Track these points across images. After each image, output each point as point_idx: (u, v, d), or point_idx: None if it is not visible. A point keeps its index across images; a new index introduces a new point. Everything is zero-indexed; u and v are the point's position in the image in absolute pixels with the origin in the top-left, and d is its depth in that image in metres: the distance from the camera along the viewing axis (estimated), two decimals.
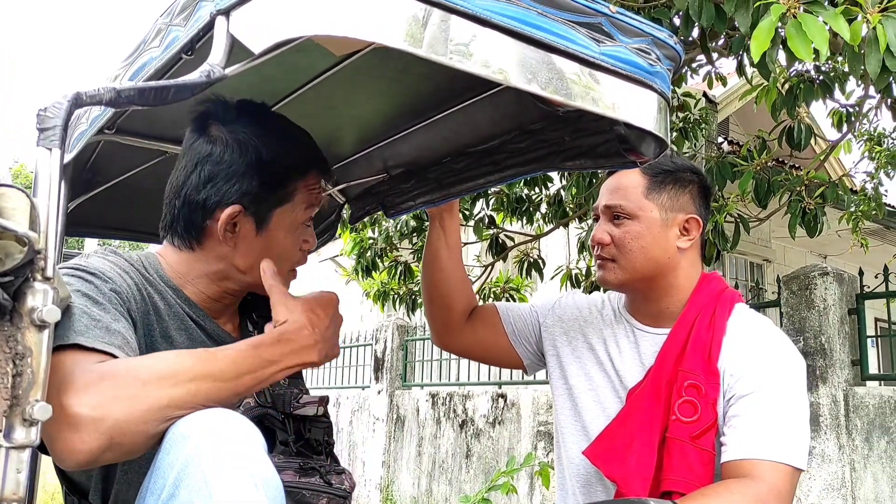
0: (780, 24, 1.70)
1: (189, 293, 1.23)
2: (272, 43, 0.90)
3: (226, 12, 0.95)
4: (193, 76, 0.93)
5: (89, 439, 0.86)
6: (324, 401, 1.27)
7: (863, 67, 1.82)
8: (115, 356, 0.97)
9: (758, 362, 1.40)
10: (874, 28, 1.75)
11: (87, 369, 0.91)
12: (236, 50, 0.95)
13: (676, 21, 2.83)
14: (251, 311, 1.37)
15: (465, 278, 1.74)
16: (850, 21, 1.74)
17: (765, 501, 1.24)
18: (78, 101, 0.88)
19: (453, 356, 6.87)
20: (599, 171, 1.54)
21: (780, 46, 1.86)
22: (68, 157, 1.47)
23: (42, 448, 0.90)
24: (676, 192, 1.50)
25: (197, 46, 1.07)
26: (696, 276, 1.54)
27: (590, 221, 4.27)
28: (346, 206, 2.00)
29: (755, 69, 3.09)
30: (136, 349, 1.05)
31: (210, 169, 1.19)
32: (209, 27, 0.98)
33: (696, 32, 3.02)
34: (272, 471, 0.90)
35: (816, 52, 1.63)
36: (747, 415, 1.35)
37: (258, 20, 0.92)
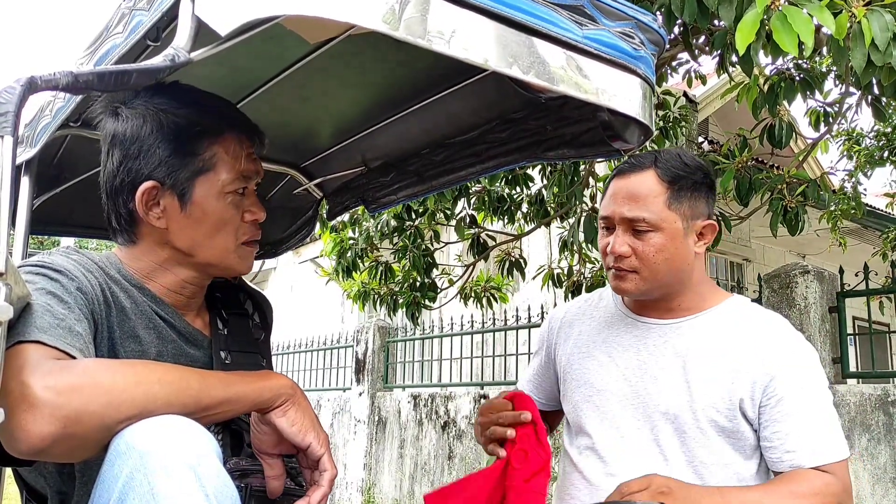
0: (764, 16, 1.68)
1: (153, 289, 1.18)
2: (240, 24, 0.86)
3: None
4: (157, 60, 0.88)
5: (44, 423, 0.82)
6: None
7: (848, 62, 1.80)
8: (74, 358, 0.93)
9: (791, 362, 1.42)
10: (859, 22, 1.73)
11: (51, 361, 0.89)
12: (203, 34, 0.91)
13: (658, 17, 2.82)
14: (221, 307, 1.32)
15: None
16: (834, 15, 1.72)
17: (839, 496, 1.35)
18: (32, 86, 0.83)
19: (435, 357, 6.85)
20: (582, 160, 1.50)
21: (765, 40, 1.83)
22: (33, 152, 1.42)
23: None
24: (694, 198, 1.47)
25: (163, 34, 1.03)
26: (703, 271, 1.54)
27: (571, 220, 4.25)
28: (323, 201, 1.95)
29: (735, 67, 3.08)
30: (93, 354, 1.01)
31: (119, 151, 1.14)
32: (174, 10, 0.93)
33: (676, 30, 3.00)
34: (224, 479, 0.86)
35: (801, 45, 1.61)
36: (798, 420, 1.38)
37: (225, 1, 0.88)
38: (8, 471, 1.48)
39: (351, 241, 4.79)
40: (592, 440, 1.50)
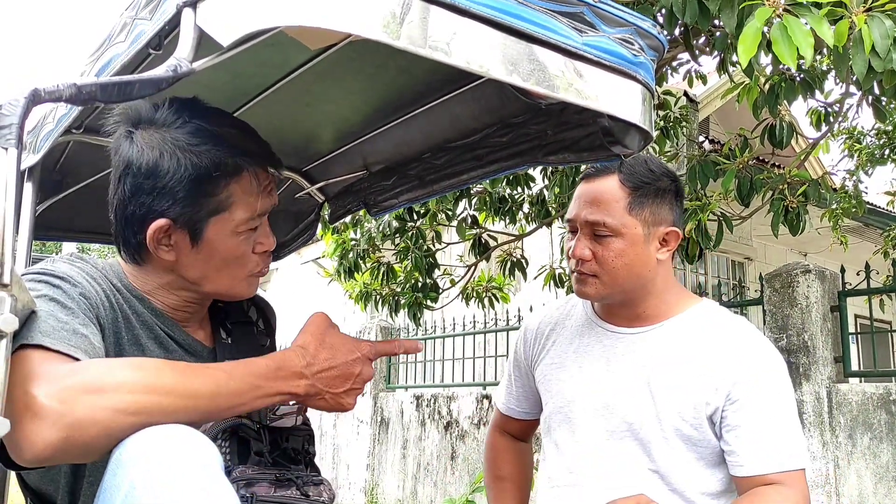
0: (765, 26, 1.67)
1: (154, 303, 1.18)
2: (242, 35, 0.86)
3: (192, 4, 0.91)
4: (159, 70, 0.89)
5: (48, 431, 0.82)
6: (302, 409, 1.22)
7: (849, 68, 1.80)
8: (79, 360, 0.93)
9: (752, 366, 1.41)
10: (860, 29, 1.73)
11: (55, 367, 0.88)
12: (205, 43, 0.91)
13: (659, 18, 2.82)
14: (224, 317, 1.32)
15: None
16: (834, 21, 1.72)
17: None
18: (36, 98, 0.84)
19: (437, 357, 6.85)
20: (583, 164, 1.50)
21: (766, 49, 1.83)
22: (36, 158, 1.43)
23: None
24: (657, 204, 1.47)
25: (165, 42, 1.03)
26: (671, 278, 1.54)
27: None
28: (325, 204, 1.96)
29: (735, 67, 3.09)
30: (103, 355, 1.01)
31: (131, 182, 1.10)
32: (176, 20, 0.94)
33: (677, 31, 3.00)
34: (228, 489, 0.85)
35: (801, 58, 1.61)
36: (757, 425, 1.37)
37: (227, 11, 0.88)
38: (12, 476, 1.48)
39: (353, 242, 4.80)
40: (563, 452, 1.51)
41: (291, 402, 1.11)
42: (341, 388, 1.09)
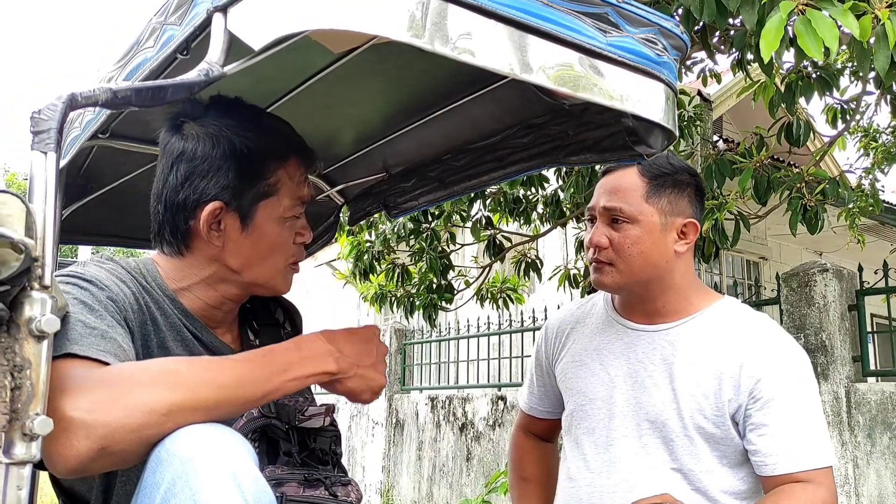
0: (788, 21, 1.67)
1: (186, 302, 1.19)
2: (272, 39, 0.88)
3: (223, 9, 0.92)
4: (191, 75, 0.90)
5: (81, 445, 0.83)
6: (330, 410, 1.23)
7: (871, 64, 1.80)
8: (109, 364, 0.94)
9: (776, 364, 1.41)
10: (882, 24, 1.73)
11: (82, 376, 0.89)
12: (234, 48, 0.93)
13: (676, 17, 2.82)
14: (252, 319, 1.33)
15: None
16: (857, 17, 1.71)
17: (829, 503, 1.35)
18: (73, 103, 0.86)
19: (452, 359, 6.86)
20: (604, 165, 1.51)
21: (789, 44, 1.83)
22: (62, 163, 1.45)
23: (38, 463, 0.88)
24: (675, 195, 1.48)
25: (192, 46, 1.05)
26: (691, 274, 1.53)
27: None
28: (344, 207, 1.97)
29: (751, 65, 3.08)
30: (133, 357, 1.02)
31: (185, 167, 1.16)
32: (206, 25, 0.96)
33: (693, 30, 3.00)
34: (264, 487, 0.87)
35: (826, 49, 1.61)
36: (782, 423, 1.37)
37: (257, 16, 0.90)
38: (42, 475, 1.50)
39: (368, 244, 4.82)
40: (583, 451, 1.51)
41: (321, 403, 1.12)
42: (368, 361, 1.11)
